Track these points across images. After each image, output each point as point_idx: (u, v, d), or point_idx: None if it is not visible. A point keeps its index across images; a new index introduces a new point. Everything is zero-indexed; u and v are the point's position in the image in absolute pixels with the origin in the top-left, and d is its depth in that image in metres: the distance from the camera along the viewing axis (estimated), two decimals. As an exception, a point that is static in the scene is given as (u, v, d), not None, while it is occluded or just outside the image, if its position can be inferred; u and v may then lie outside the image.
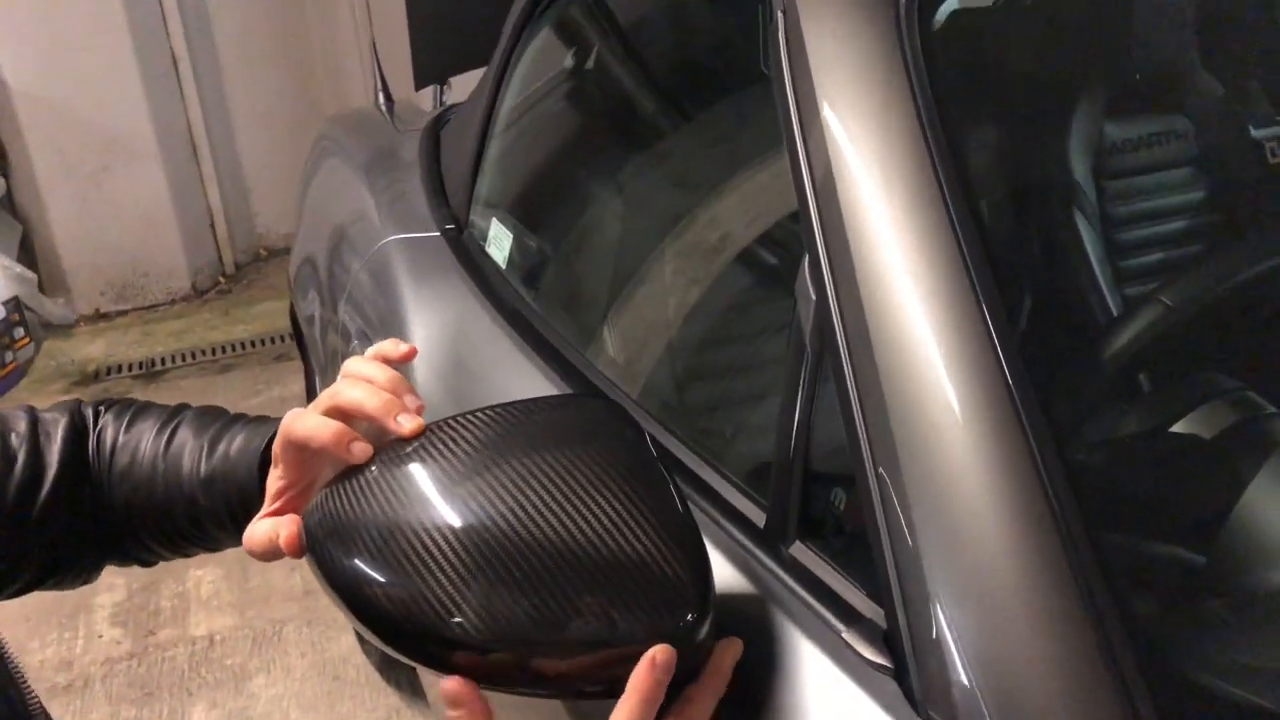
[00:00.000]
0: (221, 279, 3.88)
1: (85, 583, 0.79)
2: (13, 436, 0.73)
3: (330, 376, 1.68)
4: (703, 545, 0.60)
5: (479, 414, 0.63)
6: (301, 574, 2.33)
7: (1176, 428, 0.79)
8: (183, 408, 0.81)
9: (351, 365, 0.66)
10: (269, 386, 3.11)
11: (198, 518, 0.74)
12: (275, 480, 0.68)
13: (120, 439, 0.76)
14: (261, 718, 1.91)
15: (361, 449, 0.63)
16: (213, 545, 0.77)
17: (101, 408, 0.79)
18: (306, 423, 0.63)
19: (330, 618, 2.15)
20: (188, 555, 0.79)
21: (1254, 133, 1.43)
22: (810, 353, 0.68)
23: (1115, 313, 1.18)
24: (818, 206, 0.69)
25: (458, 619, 0.56)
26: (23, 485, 0.72)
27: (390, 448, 0.63)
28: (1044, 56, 1.41)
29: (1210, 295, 0.80)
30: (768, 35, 0.80)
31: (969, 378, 0.59)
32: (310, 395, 2.25)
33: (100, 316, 3.65)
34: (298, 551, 0.64)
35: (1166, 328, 0.76)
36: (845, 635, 0.61)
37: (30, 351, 3.36)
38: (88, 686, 1.98)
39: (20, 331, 3.30)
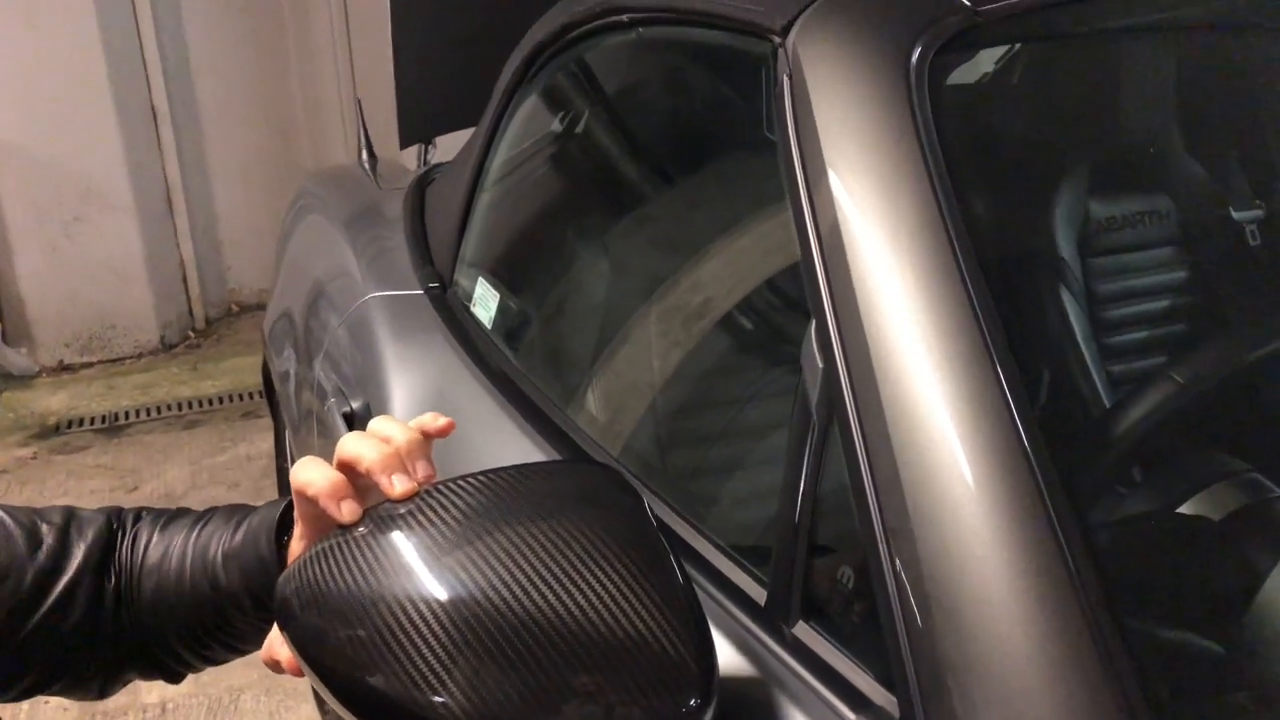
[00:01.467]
0: (191, 333, 3.82)
1: (101, 694, 0.75)
2: (44, 526, 0.72)
3: (303, 435, 1.65)
4: (706, 624, 0.57)
5: (469, 479, 0.60)
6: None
7: (1184, 509, 0.77)
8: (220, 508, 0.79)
9: (375, 422, 0.63)
10: (235, 444, 3.04)
11: (221, 605, 0.71)
12: (295, 541, 0.65)
13: (155, 537, 0.75)
14: (214, 792, 1.82)
15: (350, 509, 0.59)
16: (237, 639, 0.74)
17: (144, 511, 0.78)
18: (308, 472, 0.60)
19: (290, 686, 2.06)
20: (215, 660, 0.76)
21: (1235, 215, 1.45)
22: (817, 421, 0.66)
23: (1100, 389, 1.17)
24: (825, 270, 0.67)
25: (441, 698, 0.53)
26: (42, 572, 0.69)
27: (377, 512, 0.59)
28: (1029, 132, 1.43)
29: (1220, 374, 0.78)
30: (772, 99, 0.79)
31: (987, 448, 0.56)
32: (279, 453, 2.19)
33: (64, 368, 3.57)
34: (300, 673, 0.61)
35: (1175, 406, 0.74)
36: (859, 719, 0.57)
37: (-11, 402, 3.28)
38: (30, 756, 1.88)
39: (-21, 381, 3.23)
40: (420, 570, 0.55)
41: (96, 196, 3.47)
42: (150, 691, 2.04)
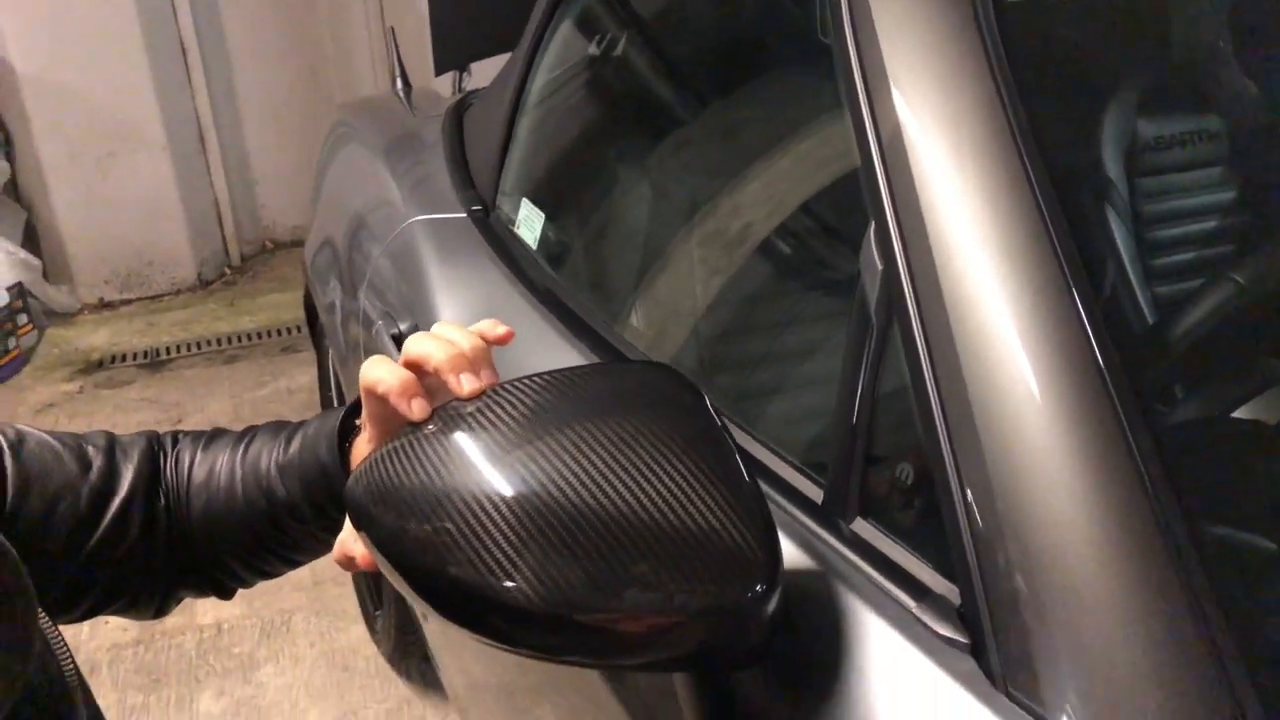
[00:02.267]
0: (227, 270, 3.85)
1: (157, 614, 0.77)
2: (90, 449, 0.72)
3: (352, 365, 1.67)
4: (769, 514, 0.58)
5: (534, 379, 0.61)
6: (311, 567, 2.30)
7: (1240, 413, 0.77)
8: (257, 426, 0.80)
9: (438, 327, 0.64)
10: (275, 378, 3.09)
11: (276, 516, 0.72)
12: (362, 443, 0.66)
13: (198, 456, 0.76)
14: (270, 707, 1.89)
15: (421, 406, 0.60)
16: (292, 550, 0.75)
17: (180, 433, 0.78)
18: (378, 370, 0.61)
19: (339, 608, 2.12)
20: (269, 573, 0.77)
21: (1287, 133, 1.42)
22: (876, 323, 0.66)
23: (1146, 310, 1.16)
24: (886, 171, 0.67)
25: (513, 583, 0.54)
26: (96, 492, 0.70)
27: (444, 411, 0.61)
28: (1078, 49, 1.40)
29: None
30: (827, 3, 0.78)
31: (1051, 346, 0.57)
32: (324, 386, 2.22)
33: (104, 305, 3.63)
34: (375, 568, 0.63)
35: (1233, 309, 0.74)
36: (916, 611, 0.59)
37: (33, 339, 3.33)
38: (94, 673, 1.95)
39: (24, 318, 3.28)
40: (490, 465, 0.57)
41: (129, 134, 3.48)
42: (206, 613, 2.11)
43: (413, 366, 0.63)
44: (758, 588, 0.55)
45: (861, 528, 0.66)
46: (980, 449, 0.57)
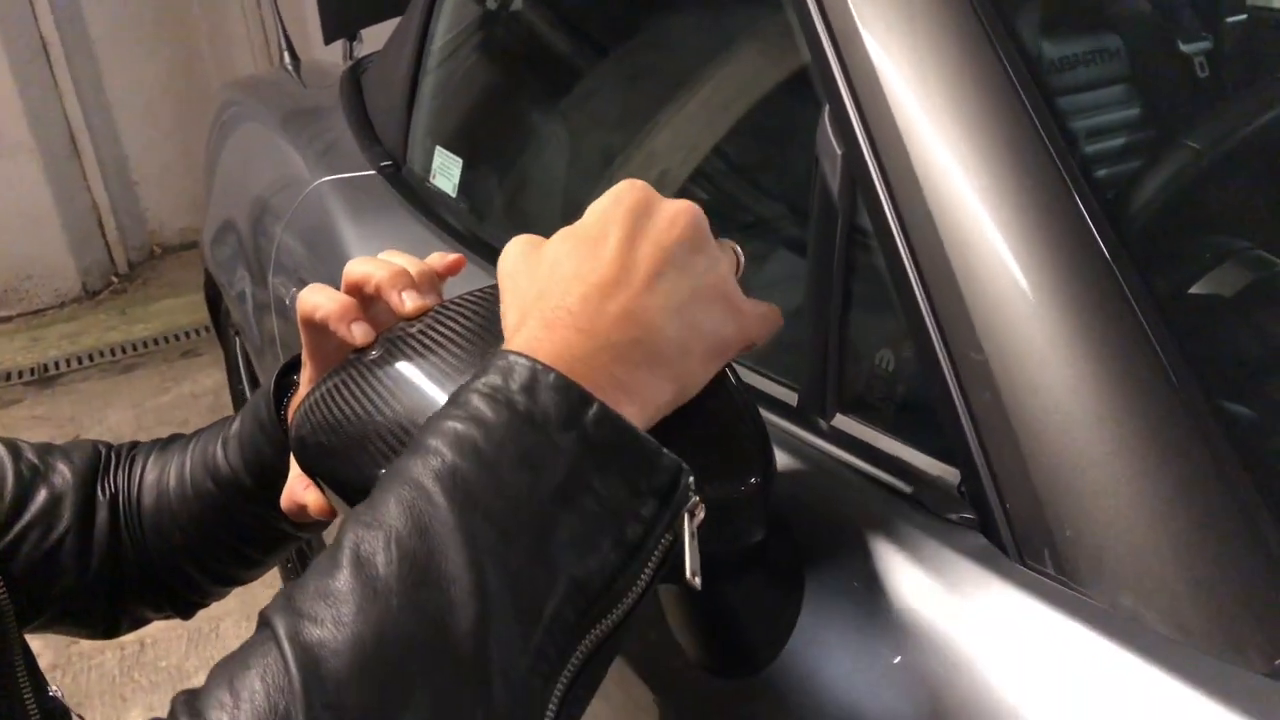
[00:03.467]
0: (114, 278, 3.66)
1: (109, 631, 0.73)
2: (25, 445, 0.70)
3: (269, 358, 1.58)
4: (755, 405, 0.54)
5: (480, 292, 0.56)
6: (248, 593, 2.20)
7: (1195, 289, 0.77)
8: None
9: (383, 254, 0.60)
10: (177, 383, 2.95)
11: (223, 501, 0.68)
12: (303, 386, 0.62)
13: (152, 458, 0.72)
14: None
15: (363, 330, 0.56)
16: (245, 541, 0.70)
17: (139, 442, 0.75)
18: (315, 296, 0.56)
19: (268, 611, 2.03)
20: (224, 576, 0.72)
21: (1182, 48, 1.45)
22: (842, 210, 0.63)
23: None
24: (838, 54, 0.64)
25: None
26: (23, 479, 0.67)
27: (388, 335, 0.56)
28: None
29: (1236, 139, 0.78)
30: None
31: (1034, 204, 0.55)
32: (234, 384, 2.12)
33: (-18, 324, 3.41)
34: (330, 514, 0.59)
35: (1191, 177, 0.73)
36: (917, 496, 0.56)
37: (-94, 365, 3.12)
38: (6, 704, 1.82)
39: (-107, 344, 3.06)
40: (445, 387, 0.52)
41: (-6, 141, 3.28)
42: (124, 630, 1.99)
43: (353, 291, 0.58)
44: (752, 479, 0.52)
45: (843, 423, 0.63)
46: (969, 320, 0.54)
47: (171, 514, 0.69)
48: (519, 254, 0.50)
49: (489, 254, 1.04)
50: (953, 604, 0.51)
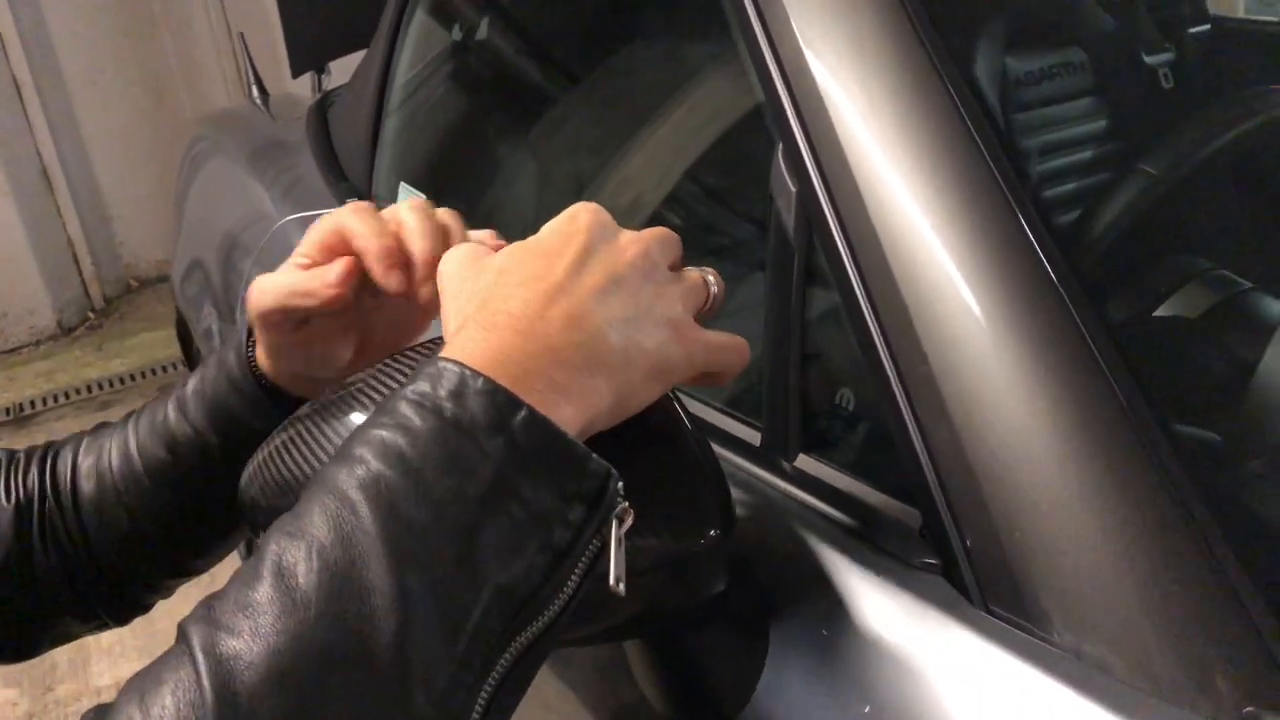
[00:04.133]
0: (90, 314, 3.63)
1: (18, 653, 0.65)
2: None
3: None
4: (714, 457, 0.53)
5: (430, 344, 0.55)
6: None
7: (1161, 312, 0.77)
8: None
9: (403, 206, 0.56)
10: (154, 419, 2.91)
11: (182, 475, 0.62)
12: (269, 354, 0.58)
13: (84, 444, 0.65)
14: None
15: (398, 281, 0.52)
16: (202, 515, 0.64)
17: (55, 441, 0.68)
18: (353, 221, 0.53)
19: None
20: (174, 565, 0.67)
21: (1146, 60, 1.45)
22: (797, 248, 0.62)
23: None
24: (789, 91, 0.63)
25: None
26: None
27: (332, 392, 0.54)
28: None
29: (1191, 165, 0.77)
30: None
31: (989, 243, 0.54)
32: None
33: (-44, 365, 3.38)
34: (342, 282, 0.53)
35: (1149, 202, 0.73)
36: (878, 540, 0.55)
37: (-121, 408, 3.08)
38: (-19, 755, 1.80)
39: None
40: None
41: (-35, 180, 3.25)
42: (102, 674, 1.96)
43: (332, 243, 0.54)
44: (711, 532, 0.51)
45: (805, 463, 0.62)
46: (926, 361, 0.54)
47: (117, 497, 0.63)
48: (463, 260, 0.49)
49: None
50: (919, 652, 0.50)
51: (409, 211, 0.55)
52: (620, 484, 0.43)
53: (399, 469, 0.40)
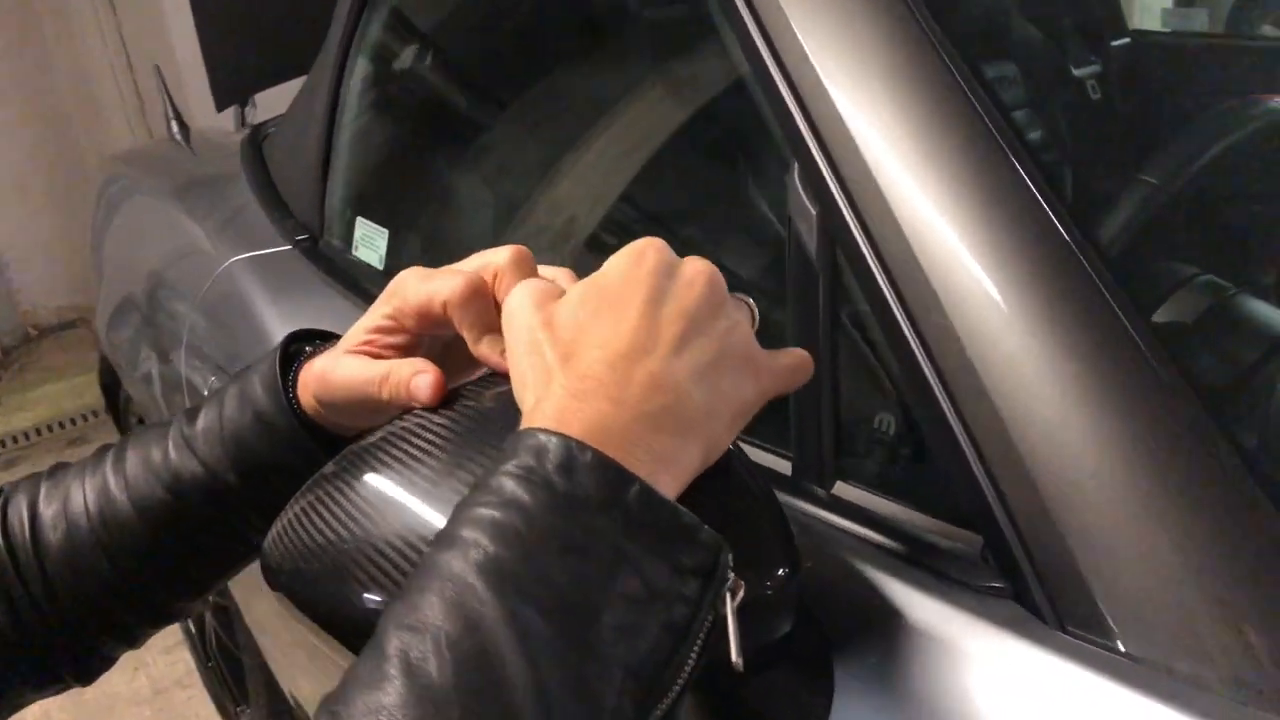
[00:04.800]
0: (-12, 366, 3.45)
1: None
2: None
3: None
4: (772, 493, 0.52)
5: (440, 412, 0.52)
6: (146, 674, 2.06)
7: (1156, 318, 0.78)
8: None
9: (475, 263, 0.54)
10: (67, 474, 2.77)
11: (181, 515, 0.58)
12: (341, 359, 0.55)
13: (43, 490, 0.60)
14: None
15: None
16: (202, 555, 0.60)
17: (17, 488, 0.62)
18: (434, 283, 0.53)
19: (189, 713, 1.90)
20: (158, 612, 0.62)
21: (1075, 72, 1.50)
22: (822, 273, 0.61)
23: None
24: (802, 108, 0.62)
25: None
26: None
27: (344, 457, 0.51)
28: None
29: (1189, 174, 0.79)
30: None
31: (1030, 249, 0.53)
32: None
33: None
34: (433, 398, 0.51)
35: (1152, 211, 0.74)
36: (940, 566, 0.54)
37: None
38: None
39: None
40: (430, 499, 0.48)
41: None
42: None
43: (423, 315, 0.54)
44: (780, 571, 0.49)
45: (844, 490, 0.61)
46: (977, 377, 0.53)
47: (96, 542, 0.58)
48: (532, 304, 0.47)
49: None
50: (994, 679, 0.49)
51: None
52: (730, 555, 0.41)
53: (517, 549, 0.37)
